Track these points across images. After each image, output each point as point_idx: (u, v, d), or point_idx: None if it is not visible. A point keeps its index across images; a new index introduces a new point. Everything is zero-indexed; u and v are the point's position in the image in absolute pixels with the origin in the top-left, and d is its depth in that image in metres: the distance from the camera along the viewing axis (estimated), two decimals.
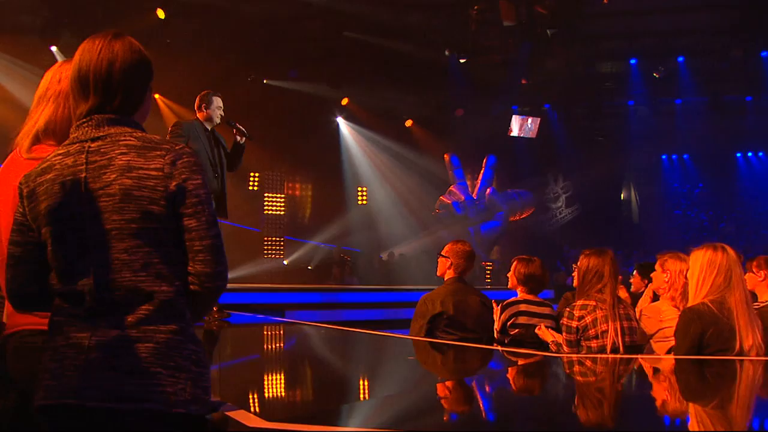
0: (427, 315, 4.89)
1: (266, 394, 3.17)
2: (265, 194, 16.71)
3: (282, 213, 16.93)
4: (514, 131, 17.77)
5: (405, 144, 17.25)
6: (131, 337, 1.78)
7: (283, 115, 15.58)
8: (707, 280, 3.51)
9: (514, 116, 17.80)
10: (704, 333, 3.47)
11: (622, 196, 20.42)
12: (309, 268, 16.17)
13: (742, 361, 3.49)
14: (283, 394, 3.26)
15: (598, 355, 4.00)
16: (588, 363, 3.97)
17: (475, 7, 14.30)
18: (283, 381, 3.68)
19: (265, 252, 16.24)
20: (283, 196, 17.05)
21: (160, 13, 12.92)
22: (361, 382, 3.77)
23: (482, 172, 18.47)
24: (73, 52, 1.97)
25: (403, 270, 15.25)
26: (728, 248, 3.58)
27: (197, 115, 5.89)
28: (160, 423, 1.79)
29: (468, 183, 18.39)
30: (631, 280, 5.42)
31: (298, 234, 16.88)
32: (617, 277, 4.17)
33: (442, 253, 5.12)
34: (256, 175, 16.75)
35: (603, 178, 18.23)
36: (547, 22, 14.45)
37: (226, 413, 2.33)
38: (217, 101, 5.89)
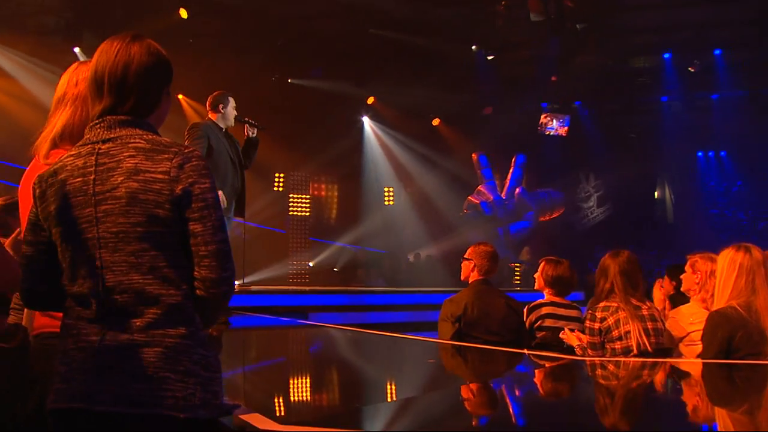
0: (452, 317, 4.93)
1: (281, 398, 3.22)
2: (290, 195, 16.81)
3: (307, 214, 17.02)
4: (544, 129, 17.65)
5: (432, 143, 17.19)
6: (139, 342, 1.83)
7: (307, 115, 15.64)
8: (728, 282, 3.48)
9: (543, 114, 17.67)
10: (732, 337, 3.44)
11: (656, 194, 20.13)
12: (335, 269, 16.23)
13: None
14: (296, 397, 3.30)
15: (623, 359, 3.98)
16: (611, 367, 3.96)
17: (503, 2, 14.22)
18: (297, 384, 3.72)
19: (291, 253, 16.34)
20: (308, 196, 17.12)
21: (183, 13, 12.97)
22: (375, 385, 3.80)
23: (511, 171, 18.37)
24: None
25: (430, 272, 15.23)
26: (754, 248, 3.54)
27: (210, 116, 5.97)
28: (169, 427, 1.83)
29: (497, 182, 18.29)
30: (662, 283, 5.37)
31: (323, 235, 16.95)
32: (630, 276, 4.15)
33: (465, 256, 5.15)
34: (281, 175, 16.86)
35: (636, 177, 17.94)
36: (576, 16, 14.31)
37: (240, 416, 2.36)
38: (232, 101, 6.02)
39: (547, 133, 17.67)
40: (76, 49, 12.96)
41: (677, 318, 4.33)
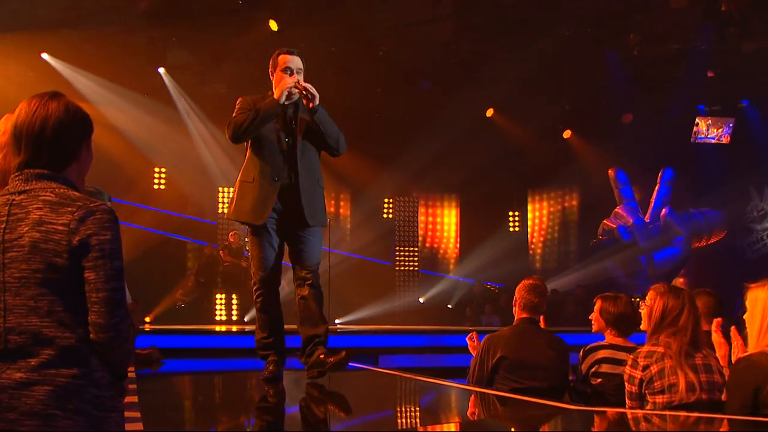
0: (487, 359, 4.92)
1: None
2: (398, 223, 17.02)
3: (418, 244, 17.15)
4: (700, 137, 16.85)
5: (562, 159, 16.93)
6: (31, 380, 2.20)
7: (417, 132, 15.79)
8: (759, 322, 3.23)
9: (699, 118, 16.88)
10: (759, 389, 3.18)
11: None
12: (449, 306, 16.24)
13: None
14: None
15: (670, 412, 3.77)
16: (656, 420, 3.77)
17: None
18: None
19: (398, 288, 16.52)
20: (419, 224, 17.27)
21: (273, 25, 13.44)
22: None
23: (657, 188, 17.65)
24: (183, 73, 2.36)
25: (555, 309, 14.82)
26: None
27: None
28: None
29: (638, 203, 17.66)
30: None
31: (435, 267, 17.01)
32: (688, 319, 3.94)
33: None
34: (390, 201, 17.16)
35: None
36: None
37: None
38: (284, 60, 4.83)
39: (704, 142, 16.84)
40: (161, 70, 13.90)
41: None
